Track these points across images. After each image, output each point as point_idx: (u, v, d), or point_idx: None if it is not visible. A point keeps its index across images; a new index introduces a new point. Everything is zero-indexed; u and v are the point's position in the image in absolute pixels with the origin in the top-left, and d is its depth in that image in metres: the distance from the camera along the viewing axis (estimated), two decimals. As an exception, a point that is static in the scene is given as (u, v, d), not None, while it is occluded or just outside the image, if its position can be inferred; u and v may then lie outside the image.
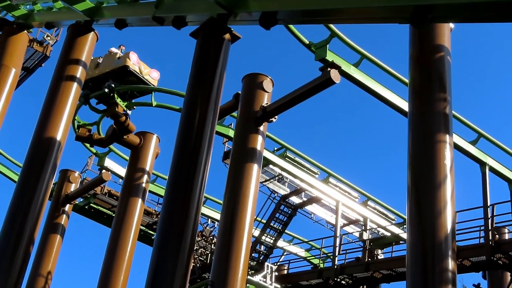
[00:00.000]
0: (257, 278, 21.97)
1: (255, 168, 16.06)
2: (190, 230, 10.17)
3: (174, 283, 9.71)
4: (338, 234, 23.31)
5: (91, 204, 26.43)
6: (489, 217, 18.48)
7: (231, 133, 20.28)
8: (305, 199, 25.48)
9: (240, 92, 17.38)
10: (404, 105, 15.57)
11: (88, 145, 23.53)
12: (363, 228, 25.51)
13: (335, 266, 22.09)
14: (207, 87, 11.25)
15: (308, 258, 27.96)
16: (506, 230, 20.11)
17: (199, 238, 27.14)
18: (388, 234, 25.40)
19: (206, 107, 11.06)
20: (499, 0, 6.51)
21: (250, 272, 23.12)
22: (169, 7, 12.73)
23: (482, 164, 19.46)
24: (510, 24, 6.84)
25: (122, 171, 23.92)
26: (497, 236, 18.83)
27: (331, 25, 14.65)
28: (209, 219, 28.43)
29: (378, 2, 8.10)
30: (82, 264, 66.30)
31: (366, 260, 22.61)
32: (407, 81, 13.39)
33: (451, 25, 13.02)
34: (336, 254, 22.56)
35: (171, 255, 9.98)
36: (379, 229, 25.84)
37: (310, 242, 28.69)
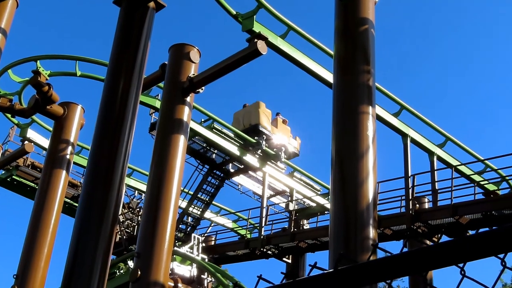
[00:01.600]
0: (184, 249, 21.97)
1: (181, 139, 15.90)
2: (114, 201, 10.04)
3: (96, 255, 9.59)
4: (264, 205, 23.56)
5: (13, 177, 25.69)
6: (409, 187, 19.05)
7: (157, 104, 20.05)
8: (232, 170, 25.55)
9: (166, 62, 17.11)
10: (330, 76, 15.76)
11: (9, 115, 22.79)
12: (289, 199, 25.86)
13: (262, 237, 22.36)
14: (131, 56, 11.02)
15: (235, 229, 28.17)
16: (426, 200, 20.77)
17: (126, 210, 26.89)
18: (314, 204, 25.83)
19: (130, 76, 10.86)
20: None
21: (177, 244, 23.11)
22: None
23: (404, 135, 19.98)
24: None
25: (45, 142, 23.31)
26: (417, 205, 19.45)
27: (259, -4, 14.61)
28: (136, 191, 28.19)
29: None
30: (5, 238, 64.68)
31: (292, 230, 22.99)
32: (332, 53, 13.51)
33: (376, -3, 13.19)
34: (263, 224, 22.82)
35: (94, 226, 9.82)
36: (305, 199, 26.24)
37: (237, 213, 28.88)
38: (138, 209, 27.06)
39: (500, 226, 1.44)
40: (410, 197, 18.91)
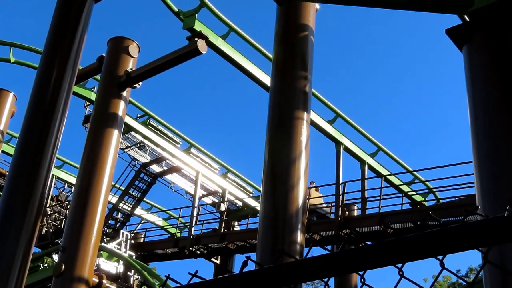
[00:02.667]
0: (112, 245, 21.65)
1: (115, 133, 15.70)
2: (39, 192, 9.79)
3: (18, 247, 9.33)
4: (196, 205, 23.45)
5: None
6: (340, 194, 19.33)
7: (93, 96, 19.70)
8: (165, 168, 25.37)
9: (104, 55, 16.85)
10: (268, 80, 15.82)
11: None
12: (221, 199, 25.84)
13: (191, 236, 22.25)
14: (66, 45, 10.79)
15: (165, 227, 27.95)
16: (355, 207, 21.11)
17: (54, 203, 26.31)
18: (246, 206, 25.90)
19: (64, 66, 10.63)
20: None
21: (105, 239, 22.76)
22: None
23: (338, 143, 20.26)
24: (377, 10, 7.09)
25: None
26: (346, 212, 19.75)
27: (201, -6, 14.56)
28: (66, 184, 27.63)
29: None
30: None
31: (222, 231, 22.98)
32: (272, 57, 13.57)
33: (317, 5, 13.33)
34: (193, 224, 22.72)
35: (16, 217, 9.56)
36: (237, 201, 26.28)
37: (168, 211, 28.69)
38: (66, 202, 26.50)
39: (422, 232, 1.47)
40: (340, 204, 19.19)
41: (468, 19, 5.75)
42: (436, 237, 1.37)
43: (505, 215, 1.27)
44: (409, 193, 22.10)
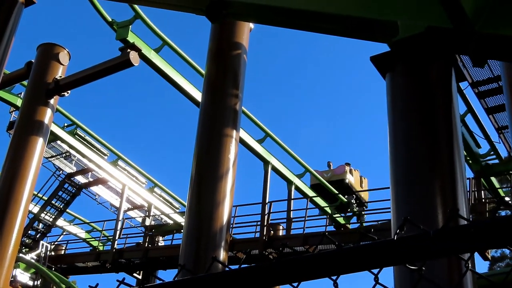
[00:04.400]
0: (30, 256, 21.04)
1: (40, 141, 15.32)
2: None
3: None
4: (120, 218, 23.12)
5: None
6: (266, 213, 19.44)
7: (19, 102, 19.18)
8: (91, 179, 24.91)
9: (33, 60, 16.47)
10: (199, 96, 15.81)
11: None
12: (147, 213, 25.55)
13: (114, 250, 21.88)
14: (-9, 48, 10.49)
15: (87, 239, 27.37)
16: (281, 227, 21.25)
17: (-28, 210, 25.37)
18: (171, 222, 25.69)
19: (-12, 69, 10.32)
20: (288, 7, 6.83)
21: (23, 250, 22.11)
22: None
23: (266, 162, 20.39)
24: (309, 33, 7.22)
25: None
26: (271, 232, 19.88)
27: (136, 6, 14.46)
28: (-14, 191, 26.69)
29: (176, -12, 8.13)
30: None
31: (146, 246, 22.70)
32: (204, 73, 13.58)
33: (251, 25, 13.46)
34: (116, 237, 22.35)
35: None
36: (162, 216, 26.03)
37: (91, 224, 28.12)
38: (-15, 210, 25.57)
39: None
40: (265, 223, 19.29)
41: (392, 48, 5.92)
42: (330, 258, 1.40)
43: (394, 238, 1.31)
44: (334, 215, 22.43)
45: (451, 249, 1.32)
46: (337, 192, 22.87)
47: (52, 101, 15.83)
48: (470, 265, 1.47)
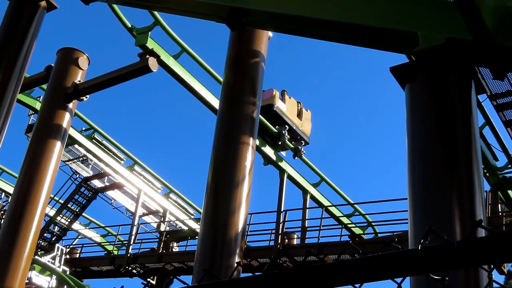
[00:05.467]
0: (46, 259, 21.16)
1: (58, 145, 15.39)
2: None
3: None
4: (135, 223, 23.20)
5: None
6: (280, 222, 19.42)
7: (38, 106, 19.35)
8: (107, 184, 25.04)
9: (53, 65, 16.61)
10: (216, 103, 15.87)
11: None
12: (162, 219, 25.62)
13: (128, 254, 21.96)
14: (13, 52, 10.62)
15: (102, 243, 27.50)
16: (295, 236, 21.22)
17: (-12, 212, 25.62)
18: (186, 228, 25.74)
19: (10, 73, 10.45)
20: (307, 16, 6.86)
21: (39, 252, 22.25)
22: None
23: (282, 171, 20.38)
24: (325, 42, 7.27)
25: None
26: (286, 240, 19.86)
27: (156, 13, 14.57)
28: (3, 193, 26.93)
29: (196, -4, 8.20)
30: None
31: (160, 251, 22.76)
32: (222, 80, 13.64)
33: (270, 33, 13.49)
34: (131, 242, 22.44)
35: None
36: (177, 222, 26.09)
37: (106, 228, 28.24)
38: (2, 212, 25.83)
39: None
40: (280, 232, 19.27)
41: (412, 59, 5.93)
42: (354, 266, 1.42)
43: (419, 248, 1.32)
44: (348, 225, 22.36)
45: (475, 260, 1.33)
46: (267, 122, 19.60)
47: (70, 105, 15.91)
48: (493, 276, 1.48)
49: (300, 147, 20.41)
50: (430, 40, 5.80)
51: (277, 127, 19.98)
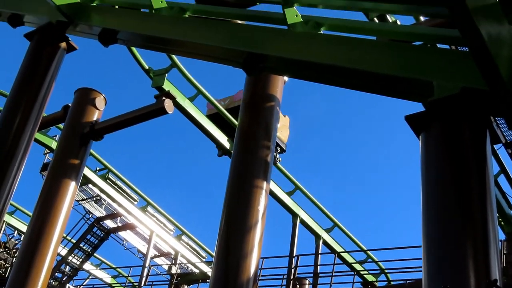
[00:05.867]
0: (55, 299, 21.06)
1: (72, 185, 15.46)
2: (-14, 238, 9.57)
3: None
4: (147, 265, 23.08)
5: None
6: (292, 267, 19.24)
7: (54, 145, 19.51)
8: (120, 224, 25.02)
9: (70, 104, 16.80)
10: (231, 146, 15.95)
11: None
12: (173, 261, 25.48)
13: (139, 296, 21.83)
14: (33, 92, 10.77)
15: (113, 285, 27.33)
16: (307, 282, 21.00)
17: (1, 249, 25.60)
18: (197, 271, 25.55)
19: (29, 112, 10.58)
20: (324, 63, 6.94)
21: (49, 292, 22.16)
22: (8, 1, 12.16)
23: (295, 215, 20.29)
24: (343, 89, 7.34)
25: None
26: (298, 286, 19.64)
27: (173, 55, 14.75)
28: (16, 231, 26.96)
29: (215, 41, 8.31)
30: None
31: (171, 293, 22.61)
32: (237, 123, 13.72)
33: (285, 78, 13.61)
34: (142, 284, 22.30)
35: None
36: (188, 264, 25.92)
37: (117, 269, 28.09)
38: (14, 250, 25.82)
39: None
40: (292, 277, 19.08)
41: (427, 108, 5.96)
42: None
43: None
44: (361, 272, 22.09)
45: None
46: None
47: (86, 144, 16.06)
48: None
49: (275, 154, 18.56)
50: (445, 90, 5.84)
51: None
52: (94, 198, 23.60)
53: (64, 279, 23.75)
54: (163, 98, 14.69)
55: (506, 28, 5.50)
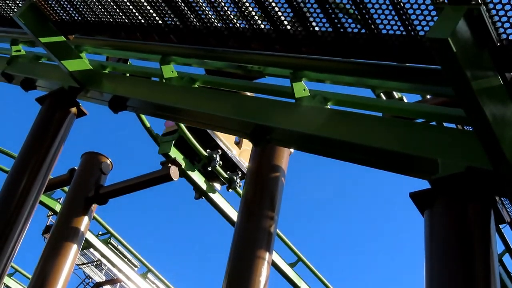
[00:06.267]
0: None
1: (73, 248, 15.42)
2: (-16, 300, 9.47)
3: None
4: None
5: None
6: None
7: (58, 207, 19.52)
8: (123, 291, 24.74)
9: (76, 167, 16.92)
10: (235, 215, 15.92)
11: None
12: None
13: None
14: (41, 156, 10.85)
15: None
16: None
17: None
18: None
19: (35, 175, 10.63)
20: (328, 137, 7.04)
21: None
22: (21, 66, 12.43)
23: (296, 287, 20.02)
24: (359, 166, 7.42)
25: None
26: None
27: (181, 124, 14.93)
28: (14, 294, 26.60)
29: (223, 112, 8.44)
30: None
31: None
32: (241, 192, 13.74)
33: (291, 149, 13.71)
34: None
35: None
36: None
37: (114, 336, 27.58)
38: (12, 313, 25.42)
39: None
40: None
41: (432, 186, 5.99)
42: None
43: None
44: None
45: None
46: (195, 143, 16.52)
47: (90, 209, 16.08)
48: None
49: (235, 178, 17.56)
50: (450, 168, 5.88)
51: (208, 150, 16.97)
52: (95, 263, 23.41)
53: None
54: (169, 165, 14.81)
55: (511, 109, 5.59)
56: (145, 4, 8.59)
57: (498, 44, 5.43)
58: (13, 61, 12.53)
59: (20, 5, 11.03)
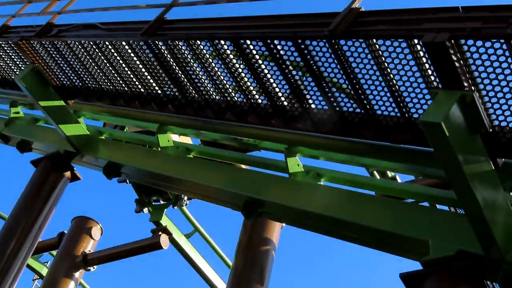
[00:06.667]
0: None
1: (58, 314, 15.12)
2: None
3: None
4: None
5: None
6: None
7: (44, 271, 19.23)
8: None
9: (66, 232, 16.77)
10: (223, 287, 15.71)
11: None
12: None
13: None
14: (32, 218, 10.82)
15: None
16: None
17: None
18: None
19: (23, 239, 10.57)
20: (320, 214, 7.07)
21: None
22: (19, 128, 12.54)
23: None
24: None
25: None
26: None
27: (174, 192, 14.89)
28: None
29: (216, 183, 8.48)
30: None
31: None
32: (231, 264, 13.60)
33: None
34: None
35: None
36: None
37: None
38: None
39: None
40: None
41: (422, 267, 5.98)
42: None
43: None
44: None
45: None
46: None
47: (77, 274, 15.83)
48: None
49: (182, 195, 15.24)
50: (441, 250, 5.88)
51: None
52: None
53: None
54: (160, 233, 14.67)
55: (502, 195, 5.65)
56: (146, 74, 8.76)
57: (490, 130, 5.54)
58: (11, 123, 12.65)
59: (22, 68, 11.23)
